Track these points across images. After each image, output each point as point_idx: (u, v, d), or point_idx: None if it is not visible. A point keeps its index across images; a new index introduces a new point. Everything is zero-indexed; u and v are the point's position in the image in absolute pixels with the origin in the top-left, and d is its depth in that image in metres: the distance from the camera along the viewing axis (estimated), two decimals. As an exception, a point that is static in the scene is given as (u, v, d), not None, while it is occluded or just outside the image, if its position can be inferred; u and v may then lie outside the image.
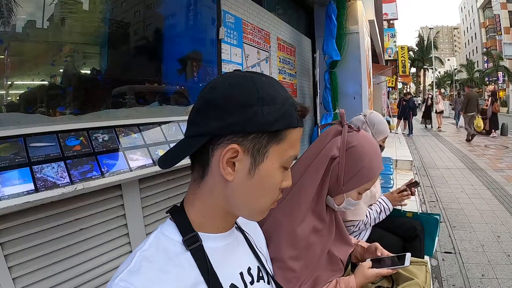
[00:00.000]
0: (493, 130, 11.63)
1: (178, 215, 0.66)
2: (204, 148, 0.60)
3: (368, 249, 1.30)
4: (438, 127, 14.63)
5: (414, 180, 1.91)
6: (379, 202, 1.85)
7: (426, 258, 1.93)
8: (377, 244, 1.27)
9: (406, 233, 1.86)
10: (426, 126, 15.94)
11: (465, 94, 12.29)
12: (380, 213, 1.80)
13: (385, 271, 1.11)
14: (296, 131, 0.63)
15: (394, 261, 1.15)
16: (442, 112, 15.28)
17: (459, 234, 3.59)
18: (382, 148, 1.89)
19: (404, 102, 12.94)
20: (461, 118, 12.72)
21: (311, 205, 1.07)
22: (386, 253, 1.23)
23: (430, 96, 16.73)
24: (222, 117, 0.58)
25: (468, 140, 10.70)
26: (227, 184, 0.61)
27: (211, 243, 0.65)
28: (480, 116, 11.61)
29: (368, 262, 1.14)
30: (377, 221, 1.79)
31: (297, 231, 1.02)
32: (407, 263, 1.11)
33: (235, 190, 0.62)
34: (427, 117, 15.92)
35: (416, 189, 1.91)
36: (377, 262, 1.16)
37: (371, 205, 1.85)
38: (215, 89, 0.62)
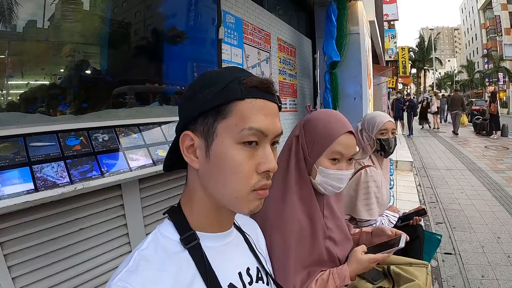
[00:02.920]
0: (493, 131, 11.63)
1: (176, 215, 0.66)
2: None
3: (374, 233, 1.29)
4: (433, 128, 15.47)
5: (422, 208, 1.90)
6: (386, 216, 1.91)
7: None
8: (382, 226, 1.26)
9: (406, 234, 1.86)
10: (423, 127, 16.14)
11: (450, 96, 15.42)
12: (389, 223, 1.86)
13: (379, 255, 1.07)
14: (244, 103, 0.59)
15: (389, 244, 1.12)
16: (436, 112, 15.61)
17: (459, 235, 3.58)
18: (388, 140, 1.88)
19: (404, 106, 13.04)
20: (449, 116, 15.91)
21: (295, 190, 1.07)
22: (394, 230, 1.22)
23: (425, 98, 16.98)
24: (180, 114, 0.65)
25: (454, 132, 12.84)
26: (198, 174, 0.63)
27: (209, 242, 0.65)
28: (480, 117, 12.28)
29: (362, 247, 1.11)
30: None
31: (284, 218, 1.02)
32: (401, 244, 1.07)
33: (204, 178, 0.62)
34: (423, 118, 16.12)
35: (420, 219, 1.90)
36: (373, 248, 1.13)
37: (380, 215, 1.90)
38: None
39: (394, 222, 1.88)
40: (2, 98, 1.32)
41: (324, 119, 1.10)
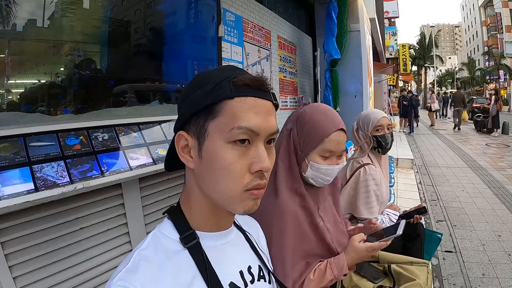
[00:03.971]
0: (494, 129, 11.62)
1: (175, 214, 0.66)
2: None
3: (364, 228, 1.29)
4: (432, 125, 15.66)
5: (422, 206, 1.89)
6: (387, 214, 1.89)
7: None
8: (370, 219, 1.26)
9: (406, 232, 1.85)
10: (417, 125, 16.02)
11: (452, 94, 16.70)
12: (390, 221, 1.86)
13: (377, 244, 1.07)
14: (234, 102, 0.58)
15: (387, 233, 1.11)
16: (436, 110, 15.74)
17: (459, 233, 3.58)
18: (385, 136, 1.87)
19: (406, 102, 13.00)
20: (449, 111, 18.16)
21: (286, 183, 1.09)
22: (379, 227, 1.21)
23: (414, 95, 17.07)
24: (178, 113, 0.66)
25: (456, 128, 13.60)
26: (194, 173, 0.63)
27: (208, 241, 0.65)
28: (482, 114, 12.86)
29: (359, 236, 1.11)
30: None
31: (278, 211, 1.04)
32: (399, 231, 1.06)
33: (198, 177, 0.62)
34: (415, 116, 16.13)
35: (422, 216, 1.89)
36: (370, 237, 1.13)
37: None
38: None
39: (395, 221, 1.88)
40: (2, 97, 1.32)
41: (316, 115, 1.12)
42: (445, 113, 21.22)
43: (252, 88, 0.60)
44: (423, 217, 1.92)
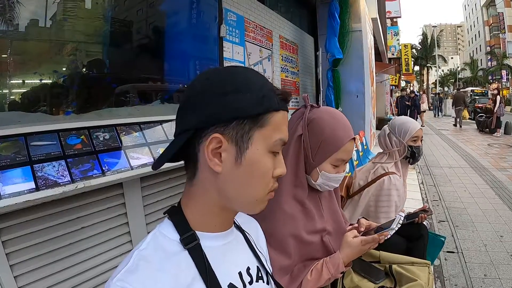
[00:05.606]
0: (497, 129, 11.58)
1: (176, 215, 0.65)
2: (190, 144, 0.62)
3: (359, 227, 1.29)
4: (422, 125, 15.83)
5: (427, 207, 1.87)
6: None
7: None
8: (361, 219, 1.26)
9: (410, 233, 1.85)
10: None
11: (453, 95, 17.65)
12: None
13: (370, 237, 1.06)
14: (279, 115, 0.63)
15: (383, 228, 1.11)
16: (424, 111, 15.96)
17: (461, 234, 3.57)
18: (419, 148, 1.86)
19: (408, 102, 13.05)
20: (443, 110, 21.37)
21: (290, 190, 1.09)
22: (374, 225, 1.21)
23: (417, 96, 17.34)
24: (201, 109, 0.61)
25: (454, 125, 14.59)
26: (218, 177, 0.61)
27: (209, 242, 0.65)
28: (484, 114, 13.01)
29: (351, 232, 1.11)
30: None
31: (278, 213, 1.04)
32: (393, 226, 1.06)
33: (226, 181, 0.61)
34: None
35: (426, 217, 1.88)
36: (367, 233, 1.13)
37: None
38: (194, 85, 0.64)
39: (400, 222, 1.86)
40: (3, 97, 1.32)
41: (330, 123, 1.10)
42: (440, 112, 22.59)
43: (286, 102, 0.65)
44: (427, 217, 1.90)
